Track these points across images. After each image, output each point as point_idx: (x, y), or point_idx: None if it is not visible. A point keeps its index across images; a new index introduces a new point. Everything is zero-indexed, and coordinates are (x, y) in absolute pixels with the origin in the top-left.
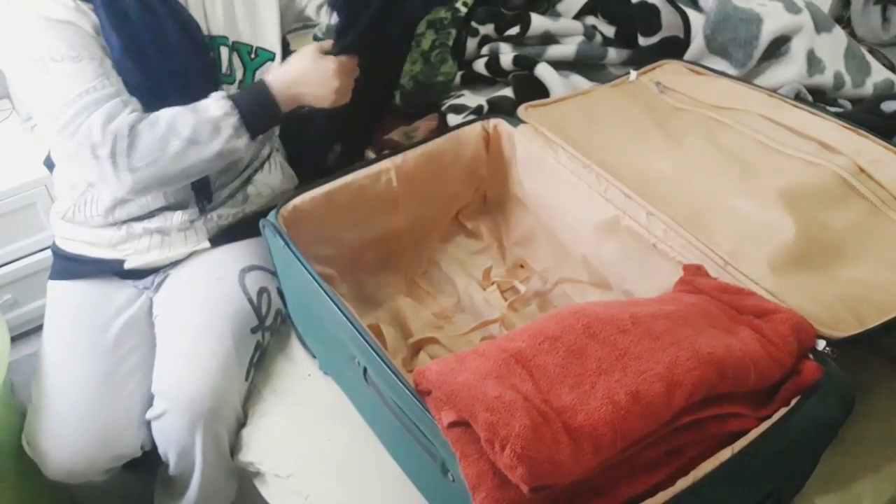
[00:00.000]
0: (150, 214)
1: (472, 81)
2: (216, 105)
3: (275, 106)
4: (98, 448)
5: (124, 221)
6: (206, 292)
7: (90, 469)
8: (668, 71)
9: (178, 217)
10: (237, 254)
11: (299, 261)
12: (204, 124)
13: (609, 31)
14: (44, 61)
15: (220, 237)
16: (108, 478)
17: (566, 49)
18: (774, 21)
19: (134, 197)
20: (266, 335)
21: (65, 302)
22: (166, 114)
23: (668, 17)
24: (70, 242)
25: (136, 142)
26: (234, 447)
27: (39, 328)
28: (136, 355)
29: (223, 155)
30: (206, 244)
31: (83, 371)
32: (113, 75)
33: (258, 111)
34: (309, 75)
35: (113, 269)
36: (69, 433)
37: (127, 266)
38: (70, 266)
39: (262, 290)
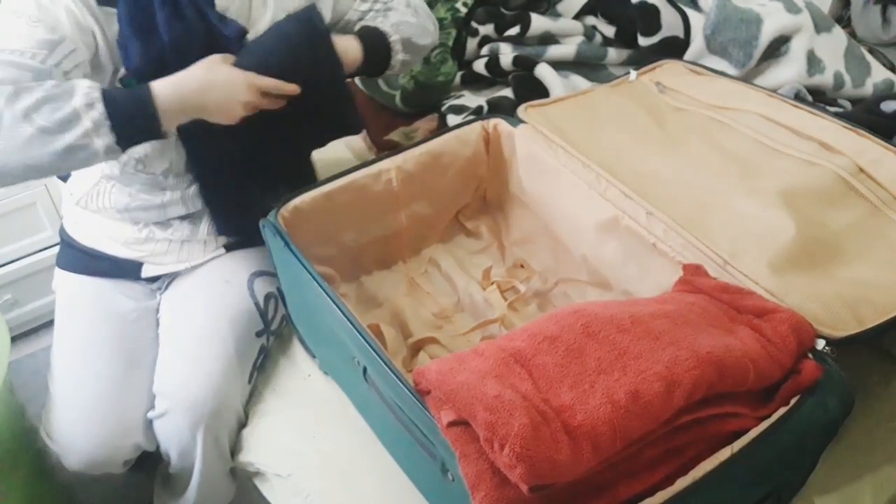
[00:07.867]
0: (168, 223)
1: (472, 81)
2: (81, 91)
3: (153, 113)
4: (121, 438)
5: (145, 224)
6: (213, 295)
7: (112, 460)
8: (668, 71)
9: (203, 226)
10: (249, 259)
11: (299, 261)
12: (59, 111)
13: (609, 31)
14: (8, 9)
15: (236, 243)
16: (125, 470)
17: (566, 49)
18: (774, 21)
19: None
20: (271, 339)
21: (79, 293)
22: (33, 95)
23: (668, 17)
24: (83, 231)
25: None
26: (235, 447)
27: (39, 328)
28: (155, 348)
29: (72, 152)
30: (222, 251)
31: (104, 361)
32: (63, 65)
33: (132, 112)
34: (216, 85)
35: (129, 275)
36: (93, 424)
37: (144, 275)
38: (83, 260)
39: (269, 296)
